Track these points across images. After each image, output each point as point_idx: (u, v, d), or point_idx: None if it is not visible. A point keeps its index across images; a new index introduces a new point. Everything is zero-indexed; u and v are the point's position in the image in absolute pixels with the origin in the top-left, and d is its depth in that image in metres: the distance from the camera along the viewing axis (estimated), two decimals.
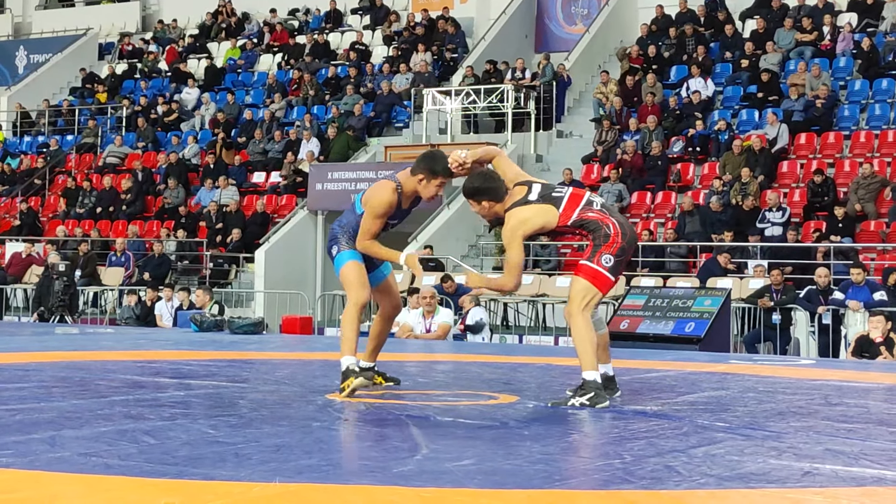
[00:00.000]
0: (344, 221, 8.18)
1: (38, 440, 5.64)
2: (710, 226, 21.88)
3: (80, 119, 33.78)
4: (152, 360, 11.07)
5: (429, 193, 8.02)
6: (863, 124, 24.51)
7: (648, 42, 28.49)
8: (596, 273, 7.46)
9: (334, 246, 8.14)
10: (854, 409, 7.88)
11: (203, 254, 25.90)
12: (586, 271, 7.49)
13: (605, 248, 7.45)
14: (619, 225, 7.52)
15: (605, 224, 7.49)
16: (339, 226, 8.18)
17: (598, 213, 7.54)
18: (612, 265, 7.46)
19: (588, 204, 7.58)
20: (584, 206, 7.55)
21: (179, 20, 38.21)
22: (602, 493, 4.76)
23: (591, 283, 7.47)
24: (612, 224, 7.50)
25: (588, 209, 7.55)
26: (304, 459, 5.30)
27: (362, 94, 29.81)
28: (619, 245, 7.45)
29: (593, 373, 7.42)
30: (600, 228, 7.48)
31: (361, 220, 7.95)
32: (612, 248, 7.45)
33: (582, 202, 7.58)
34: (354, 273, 8.03)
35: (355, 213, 8.11)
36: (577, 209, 7.53)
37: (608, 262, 7.45)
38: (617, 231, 7.47)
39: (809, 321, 18.23)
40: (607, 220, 7.52)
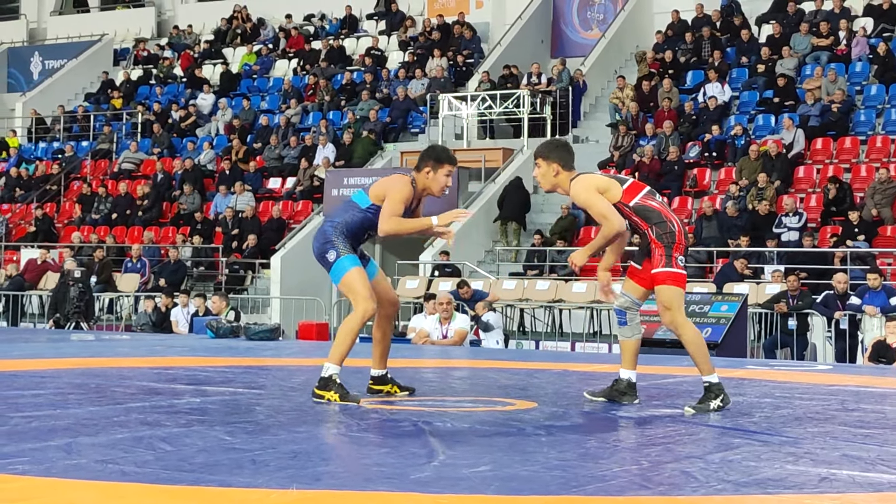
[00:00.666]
0: (337, 220, 7.95)
1: (54, 447, 5.64)
2: (726, 231, 21.85)
3: (96, 125, 33.83)
4: (168, 367, 11.08)
5: (439, 185, 7.92)
6: (879, 129, 24.46)
7: (665, 47, 28.48)
8: (676, 276, 7.62)
9: (331, 250, 7.90)
10: (871, 415, 7.86)
11: (219, 260, 25.91)
12: (670, 277, 7.62)
13: (676, 250, 7.60)
14: (677, 223, 7.68)
15: (669, 220, 7.65)
16: (333, 226, 7.94)
17: (660, 205, 7.72)
18: (684, 263, 7.68)
19: (651, 193, 7.75)
20: (646, 193, 7.71)
21: (195, 26, 38.26)
22: (619, 499, 4.75)
23: (677, 286, 7.64)
24: (674, 221, 7.67)
25: (651, 197, 7.71)
26: (322, 466, 5.30)
27: (378, 100, 29.83)
28: (684, 245, 7.65)
29: (715, 376, 7.67)
30: (664, 224, 7.62)
31: (385, 203, 7.75)
32: (681, 248, 7.62)
33: (644, 189, 7.76)
34: (360, 282, 7.85)
35: (356, 209, 7.91)
36: (640, 193, 7.68)
37: (682, 262, 7.66)
38: (680, 230, 7.65)
39: (826, 326, 18.19)
40: (669, 215, 7.70)
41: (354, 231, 7.92)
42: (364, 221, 7.92)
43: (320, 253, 7.97)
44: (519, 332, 21.05)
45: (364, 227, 7.95)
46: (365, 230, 7.98)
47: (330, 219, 8.04)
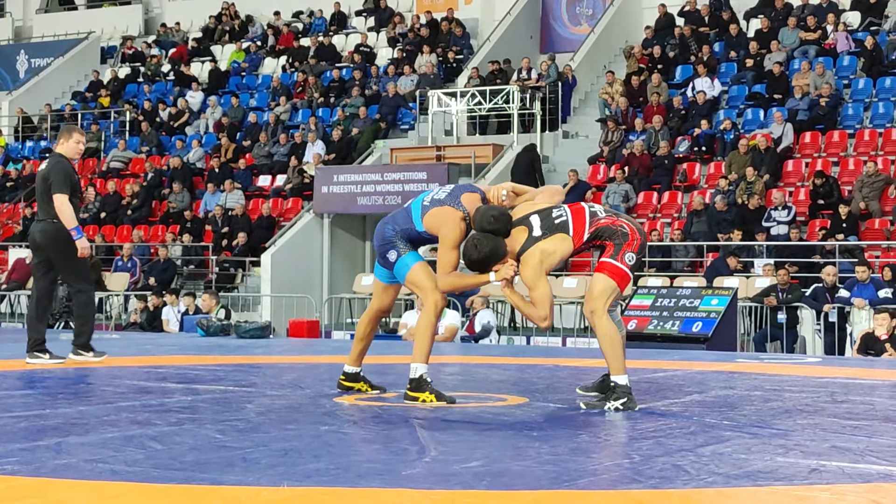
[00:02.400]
0: (399, 227, 7.86)
1: (43, 447, 5.64)
2: (716, 225, 21.87)
3: (83, 123, 33.74)
4: (159, 366, 11.07)
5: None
6: (867, 123, 24.51)
7: (654, 42, 28.49)
8: (619, 270, 7.39)
9: (391, 251, 7.84)
10: (860, 407, 7.88)
11: (209, 258, 25.89)
12: (610, 269, 7.41)
13: (628, 246, 7.39)
14: (632, 223, 7.53)
15: (619, 225, 7.44)
16: (394, 230, 7.85)
17: (607, 219, 7.48)
18: (633, 263, 7.44)
19: (592, 215, 7.49)
20: (590, 219, 7.46)
21: (182, 23, 38.17)
22: (611, 493, 4.76)
23: (614, 280, 7.40)
24: (625, 224, 7.47)
25: (595, 220, 7.47)
26: (313, 463, 5.30)
27: (367, 97, 29.81)
28: (640, 242, 7.44)
29: (624, 377, 7.37)
30: (615, 231, 7.41)
31: (438, 254, 7.68)
32: (634, 245, 7.40)
33: (587, 216, 7.48)
34: (425, 276, 7.82)
35: (410, 225, 7.81)
36: (586, 225, 7.43)
37: (631, 259, 7.41)
38: (633, 229, 7.45)
39: (815, 319, 18.24)
40: (618, 222, 7.48)
41: (412, 239, 7.89)
42: (419, 236, 7.87)
43: (381, 254, 7.94)
44: (510, 328, 21.06)
45: (418, 239, 7.92)
46: (420, 240, 7.96)
47: (391, 222, 7.93)
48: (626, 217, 7.67)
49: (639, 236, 7.44)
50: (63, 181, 10.79)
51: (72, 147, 11.09)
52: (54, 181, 10.79)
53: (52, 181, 10.81)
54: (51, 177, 10.83)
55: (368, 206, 25.25)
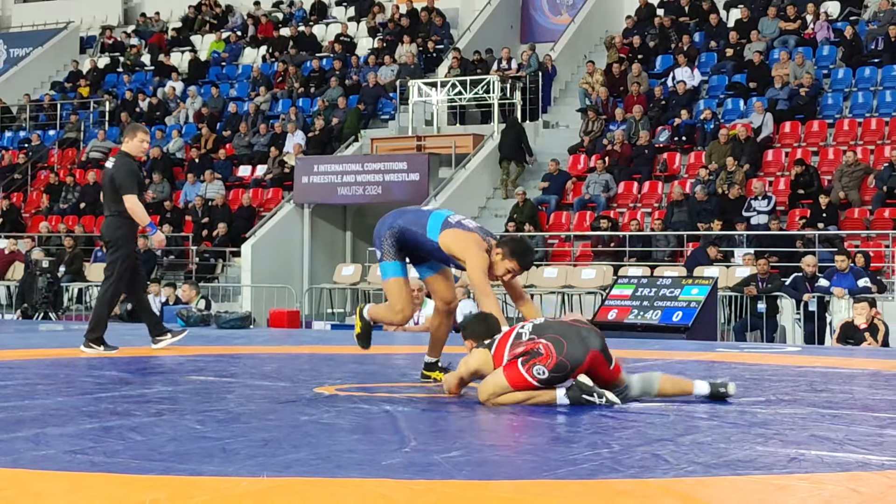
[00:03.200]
0: (399, 224, 7.89)
1: (22, 438, 5.61)
2: (696, 215, 21.91)
3: (62, 114, 33.66)
4: (138, 356, 11.05)
5: (498, 271, 7.79)
6: (846, 112, 24.58)
7: (634, 32, 28.51)
8: (521, 378, 6.91)
9: (379, 248, 8.01)
10: (839, 396, 7.90)
11: (189, 248, 25.85)
12: (513, 373, 6.93)
13: (540, 361, 6.87)
14: (551, 341, 6.89)
15: (535, 348, 6.90)
16: (390, 228, 7.91)
17: (526, 344, 6.94)
18: (546, 377, 6.88)
19: (517, 338, 7.02)
20: (512, 344, 7.02)
21: (162, 13, 38.08)
22: (590, 482, 4.76)
23: (509, 383, 6.93)
24: (541, 345, 6.89)
25: (517, 344, 6.99)
26: (293, 454, 5.29)
27: (347, 87, 29.77)
28: (555, 360, 6.85)
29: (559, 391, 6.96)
30: (531, 351, 6.91)
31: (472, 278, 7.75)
32: (547, 361, 6.85)
33: (510, 339, 7.05)
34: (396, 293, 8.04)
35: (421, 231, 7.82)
36: (507, 348, 7.02)
37: (541, 373, 6.87)
38: (548, 347, 6.86)
39: (795, 309, 18.28)
40: (536, 344, 6.92)
41: (408, 245, 7.90)
42: (419, 245, 7.89)
43: (376, 244, 8.04)
44: None
45: (416, 248, 7.93)
46: (418, 250, 7.97)
47: (394, 218, 7.98)
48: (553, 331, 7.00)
49: (555, 355, 6.82)
50: (130, 182, 11.24)
51: (136, 145, 11.44)
52: (121, 183, 11.20)
53: (119, 183, 11.21)
54: (117, 177, 11.23)
55: (349, 196, 25.24)
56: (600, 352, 7.00)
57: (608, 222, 22.44)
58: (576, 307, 20.70)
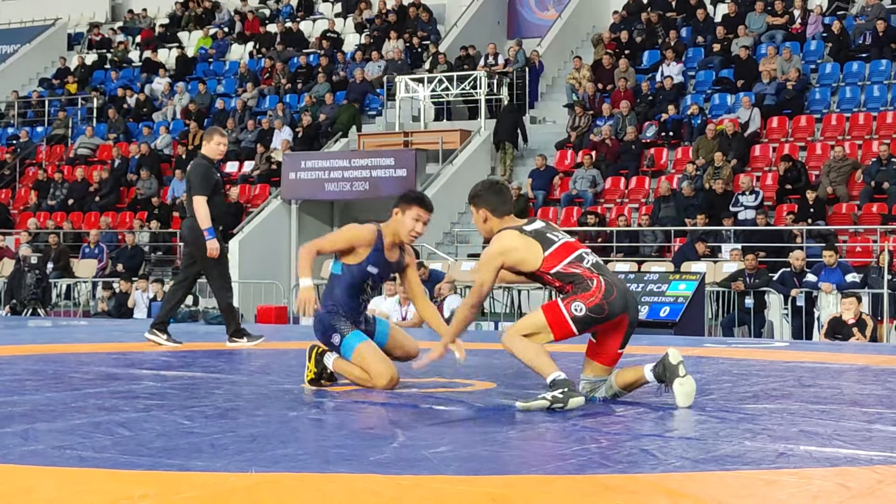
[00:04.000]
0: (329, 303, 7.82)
1: (11, 434, 5.61)
2: (683, 210, 21.92)
3: (51, 110, 33.62)
4: (126, 352, 11.05)
5: (405, 228, 7.70)
6: (834, 107, 24.60)
7: (621, 27, 28.52)
8: (560, 317, 6.74)
9: (334, 335, 7.74)
10: (827, 391, 7.92)
11: (177, 244, 25.81)
12: (551, 309, 6.79)
13: (581, 297, 6.71)
14: (605, 282, 6.76)
15: (589, 278, 6.76)
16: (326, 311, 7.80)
17: (585, 270, 6.80)
18: (581, 315, 6.70)
19: (578, 259, 6.86)
20: (573, 260, 6.83)
21: (149, 9, 38.05)
22: (579, 477, 4.76)
23: (548, 323, 6.77)
24: (596, 278, 6.76)
25: (576, 264, 6.83)
26: (281, 449, 5.29)
27: (335, 83, 29.75)
28: (597, 300, 6.69)
29: (556, 373, 6.71)
30: (583, 280, 6.75)
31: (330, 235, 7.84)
32: (589, 300, 6.69)
33: (572, 255, 6.86)
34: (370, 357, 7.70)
35: (334, 281, 7.84)
36: (565, 260, 6.81)
37: (578, 310, 6.70)
38: (600, 285, 6.73)
39: (783, 304, 18.31)
40: (593, 275, 6.78)
41: (347, 301, 7.77)
42: (350, 285, 7.77)
43: (325, 342, 7.82)
44: (478, 314, 21.05)
45: (352, 292, 7.79)
46: (357, 296, 7.82)
47: (322, 305, 7.86)
48: (612, 277, 6.91)
49: (601, 296, 6.69)
50: (200, 183, 11.43)
51: (213, 148, 11.66)
52: (193, 184, 11.46)
53: (191, 184, 11.50)
54: (190, 179, 11.53)
55: (336, 192, 25.23)
56: (629, 324, 6.90)
57: (595, 218, 22.45)
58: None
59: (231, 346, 11.74)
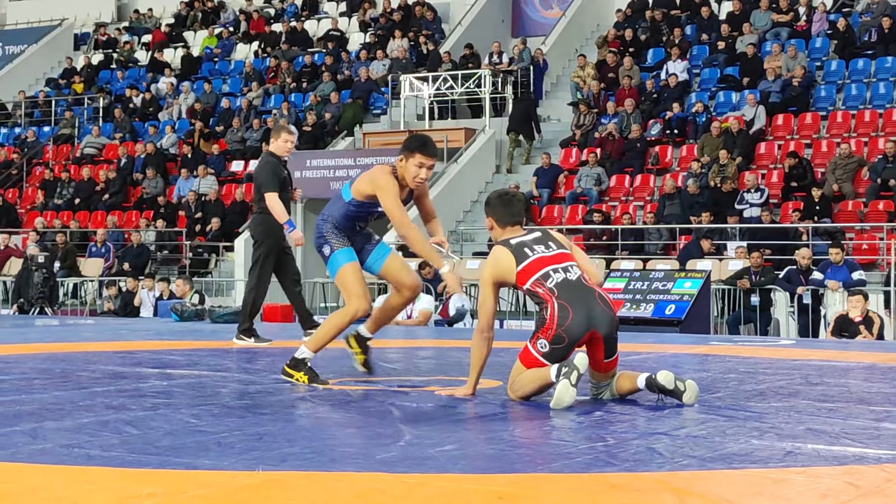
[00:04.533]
0: (327, 213, 7.77)
1: (19, 432, 5.62)
2: (688, 208, 21.91)
3: (57, 110, 33.66)
4: (133, 351, 11.05)
5: (410, 175, 7.53)
6: (839, 105, 24.58)
7: (625, 25, 28.51)
8: (532, 358, 6.97)
9: (325, 245, 7.73)
10: (834, 389, 7.90)
11: (183, 243, 25.84)
12: (524, 357, 7.04)
13: (540, 333, 6.92)
14: (558, 306, 6.84)
15: (545, 307, 6.90)
16: (324, 220, 7.77)
17: (545, 291, 6.91)
18: (547, 351, 6.88)
19: (543, 277, 6.94)
20: (538, 278, 6.94)
21: (155, 9, 38.08)
22: (585, 475, 4.76)
23: (528, 369, 6.99)
24: (549, 307, 6.87)
25: (540, 282, 6.94)
26: (287, 447, 5.30)
27: (339, 82, 29.76)
28: (553, 331, 6.83)
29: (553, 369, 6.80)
30: (540, 309, 6.97)
31: (386, 206, 7.45)
32: (546, 332, 6.87)
33: (538, 273, 6.96)
34: (353, 279, 7.67)
35: (341, 201, 7.69)
36: (531, 278, 6.96)
37: (543, 346, 6.90)
38: (552, 314, 6.84)
39: (789, 301, 18.28)
40: (550, 300, 6.88)
41: (344, 223, 7.72)
42: (348, 214, 7.69)
43: (318, 248, 7.84)
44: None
45: (351, 219, 7.72)
46: (353, 222, 7.75)
47: (322, 213, 7.85)
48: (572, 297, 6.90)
49: (554, 326, 6.82)
50: (269, 180, 11.61)
51: (280, 146, 11.79)
52: (262, 181, 11.67)
53: (260, 181, 11.70)
54: (259, 176, 11.73)
55: None
56: (603, 338, 6.90)
57: (600, 216, 22.44)
58: None
59: (238, 343, 11.80)
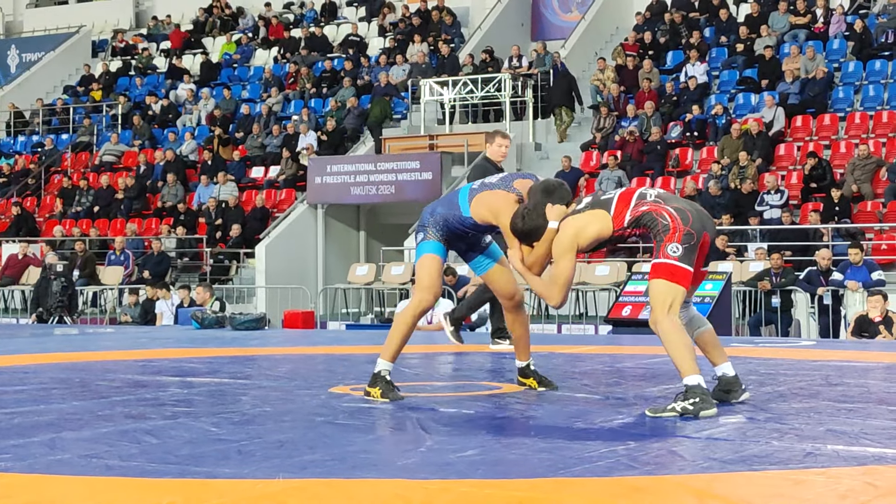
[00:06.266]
0: (439, 211, 7.43)
1: (37, 443, 5.63)
2: (709, 210, 21.83)
3: (75, 118, 33.72)
4: (153, 359, 11.06)
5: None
6: (857, 106, 24.54)
7: (644, 28, 28.50)
8: (669, 267, 6.63)
9: (420, 233, 7.47)
10: (854, 389, 7.89)
11: (203, 250, 25.87)
12: (658, 269, 6.67)
13: (668, 239, 6.62)
14: (676, 211, 6.70)
15: (660, 214, 6.68)
16: (431, 215, 7.46)
17: (650, 205, 6.74)
18: (681, 254, 6.60)
19: (640, 198, 6.79)
20: (636, 202, 6.77)
21: (173, 16, 38.15)
22: (606, 479, 4.76)
23: (669, 281, 6.63)
24: (666, 212, 6.68)
25: (641, 203, 6.76)
26: (308, 455, 5.30)
27: (359, 87, 29.78)
28: (683, 231, 6.61)
29: (695, 377, 6.55)
30: (656, 221, 6.68)
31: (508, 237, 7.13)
32: (676, 235, 6.60)
33: (633, 198, 6.80)
34: (427, 270, 7.41)
35: (456, 212, 7.36)
36: (630, 207, 6.75)
37: (675, 251, 6.60)
38: (674, 217, 6.65)
39: (809, 302, 18.26)
40: (661, 209, 6.70)
41: (452, 229, 7.43)
42: (461, 226, 7.40)
43: (416, 234, 7.58)
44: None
45: (461, 230, 7.44)
46: (465, 232, 7.48)
47: (432, 206, 7.57)
48: (680, 202, 6.85)
49: (682, 225, 6.61)
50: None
51: (494, 150, 11.83)
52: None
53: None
54: (469, 178, 11.82)
55: (362, 195, 25.26)
56: (710, 241, 6.83)
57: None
58: (590, 304, 20.70)
59: (494, 348, 11.69)
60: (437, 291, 7.44)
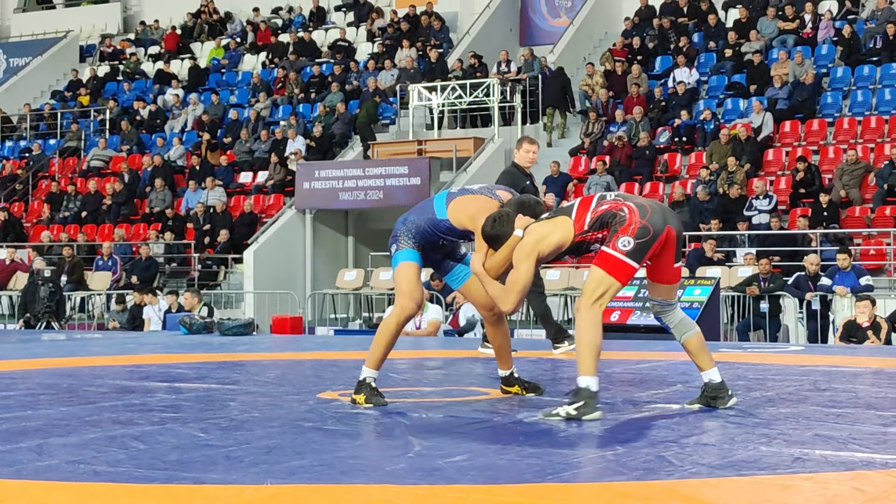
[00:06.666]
0: (411, 219, 7.42)
1: (25, 449, 5.61)
2: (698, 215, 21.92)
3: (63, 123, 33.67)
4: (141, 365, 11.05)
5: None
6: (846, 111, 24.59)
7: (633, 33, 28.53)
8: (613, 260, 6.57)
9: (393, 244, 7.44)
10: (842, 395, 7.89)
11: (191, 256, 25.85)
12: (603, 258, 6.60)
13: (622, 231, 6.55)
14: (636, 205, 6.65)
15: (619, 209, 6.63)
16: (403, 223, 7.44)
17: (611, 203, 6.70)
18: (631, 248, 6.54)
19: (601, 199, 6.76)
20: (596, 204, 6.72)
21: (161, 21, 38.10)
22: (595, 485, 4.76)
23: (607, 273, 6.60)
24: (625, 207, 6.63)
25: (601, 202, 6.72)
26: (296, 460, 5.29)
27: (348, 92, 29.78)
28: (639, 224, 6.54)
29: (588, 379, 6.57)
30: (615, 216, 6.61)
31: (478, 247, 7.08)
32: (630, 228, 6.54)
33: (594, 201, 6.75)
34: (406, 277, 7.37)
35: (430, 215, 7.32)
36: (590, 209, 6.69)
37: (626, 245, 6.54)
38: (633, 210, 6.60)
39: (798, 308, 18.28)
40: (620, 205, 6.66)
41: (425, 236, 7.39)
42: (435, 231, 7.36)
43: (389, 246, 7.55)
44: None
45: (435, 236, 7.40)
46: (438, 239, 7.43)
47: (406, 215, 7.53)
48: (641, 200, 6.80)
49: (637, 219, 6.56)
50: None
51: (522, 156, 11.86)
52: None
53: None
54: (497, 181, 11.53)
55: (350, 201, 25.24)
56: (676, 235, 6.76)
57: None
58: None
59: (556, 353, 11.71)
60: (419, 297, 7.41)
